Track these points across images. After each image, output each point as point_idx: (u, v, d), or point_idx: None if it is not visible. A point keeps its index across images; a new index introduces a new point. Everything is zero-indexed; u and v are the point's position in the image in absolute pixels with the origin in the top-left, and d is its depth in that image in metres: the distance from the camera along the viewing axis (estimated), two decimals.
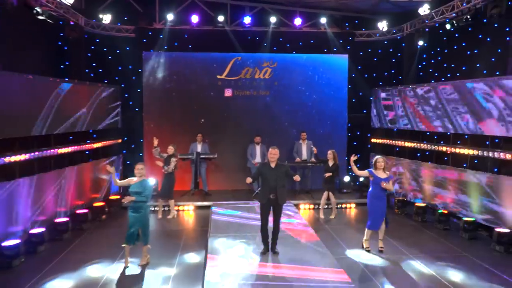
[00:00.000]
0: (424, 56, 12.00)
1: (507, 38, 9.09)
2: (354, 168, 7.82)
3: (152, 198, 9.51)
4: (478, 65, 10.02)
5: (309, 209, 11.31)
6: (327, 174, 10.13)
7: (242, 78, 12.71)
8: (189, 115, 12.64)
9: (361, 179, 12.15)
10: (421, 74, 12.04)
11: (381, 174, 7.76)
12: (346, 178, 12.36)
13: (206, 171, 12.17)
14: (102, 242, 8.56)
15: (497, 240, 7.98)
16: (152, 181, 11.71)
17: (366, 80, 13.12)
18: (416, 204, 10.20)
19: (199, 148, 12.00)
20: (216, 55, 12.67)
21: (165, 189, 10.21)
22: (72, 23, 10.91)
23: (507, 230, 7.98)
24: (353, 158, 7.79)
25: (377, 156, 8.06)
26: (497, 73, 9.16)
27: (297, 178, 6.96)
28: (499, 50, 9.42)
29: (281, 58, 12.80)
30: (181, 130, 12.56)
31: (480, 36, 9.94)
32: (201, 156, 11.82)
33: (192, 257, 7.76)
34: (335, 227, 9.62)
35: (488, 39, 9.74)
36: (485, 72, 9.72)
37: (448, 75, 10.82)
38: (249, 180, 6.99)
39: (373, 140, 12.50)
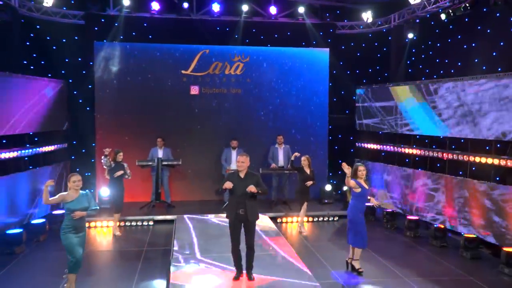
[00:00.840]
0: (414, 50, 11.22)
1: None
2: (349, 176, 6.94)
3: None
4: (476, 60, 9.31)
5: (287, 222, 10.38)
6: (309, 183, 9.24)
7: (211, 73, 11.65)
8: (149, 115, 11.49)
9: (345, 188, 11.32)
10: (410, 71, 11.29)
11: (365, 185, 7.01)
12: (328, 187, 11.48)
13: (168, 180, 11.14)
14: (39, 269, 7.32)
15: (506, 261, 7.17)
16: (104, 192, 10.62)
17: (348, 78, 12.27)
18: (408, 218, 9.40)
19: (160, 153, 10.94)
20: (181, 47, 11.56)
21: (119, 201, 9.19)
22: (1, 2, 9.47)
23: None
24: (346, 166, 6.94)
25: (358, 164, 7.19)
26: (499, 69, 8.46)
27: (251, 188, 5.92)
28: (501, 43, 8.73)
29: (254, 51, 11.81)
30: (140, 133, 11.42)
31: (479, 27, 9.22)
32: (163, 163, 10.72)
33: (152, 286, 6.70)
34: (317, 244, 8.73)
35: (489, 31, 9.04)
36: (484, 68, 9.02)
37: (441, 71, 10.07)
38: (228, 185, 5.96)
39: (357, 144, 11.66)
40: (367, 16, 11.83)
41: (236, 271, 6.33)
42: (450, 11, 9.23)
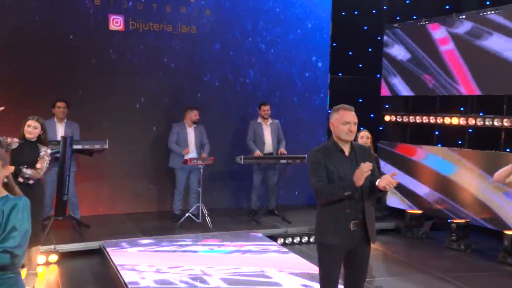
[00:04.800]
0: None
1: None
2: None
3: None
4: None
5: (293, 244, 7.35)
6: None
7: None
8: (34, 68, 7.77)
9: None
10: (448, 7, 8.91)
11: None
12: None
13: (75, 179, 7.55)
14: None
15: None
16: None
17: (352, 19, 9.69)
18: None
19: (60, 130, 7.30)
20: None
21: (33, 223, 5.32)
22: None
23: None
24: None
25: None
26: None
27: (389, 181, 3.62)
28: None
29: None
30: (17, 98, 7.59)
31: None
32: (75, 147, 7.02)
33: None
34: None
35: None
36: None
37: None
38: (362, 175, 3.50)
39: (389, 119, 8.92)
40: None
41: None
42: None
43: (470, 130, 7.89)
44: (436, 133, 8.30)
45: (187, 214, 7.66)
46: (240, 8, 8.84)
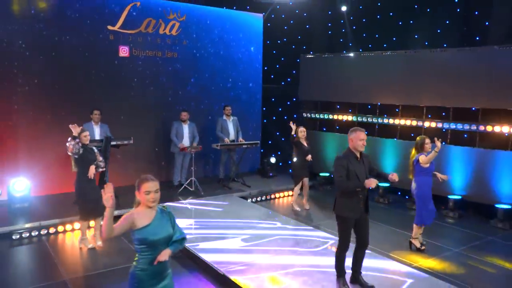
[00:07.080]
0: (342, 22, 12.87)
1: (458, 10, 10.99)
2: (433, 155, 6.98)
3: None
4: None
5: (256, 201, 10.60)
6: (309, 157, 9.52)
7: (143, 32, 10.85)
8: (69, 83, 10.10)
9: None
10: (341, 40, 13.00)
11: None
12: (273, 159, 12.44)
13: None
14: None
15: None
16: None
17: (271, 47, 13.20)
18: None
19: (97, 132, 9.70)
20: None
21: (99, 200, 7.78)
22: None
23: None
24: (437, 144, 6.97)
25: (423, 136, 7.30)
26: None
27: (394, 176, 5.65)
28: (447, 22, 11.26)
29: (190, 10, 11.53)
30: (62, 108, 9.97)
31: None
32: (113, 143, 9.47)
33: None
34: (327, 222, 8.79)
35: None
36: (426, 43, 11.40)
37: (369, 45, 11.82)
38: (372, 182, 5.30)
39: (305, 115, 12.71)
40: None
41: (341, 279, 5.85)
42: None
43: (339, 122, 11.98)
44: (336, 126, 12.52)
45: (183, 186, 10.46)
46: (205, 41, 11.77)
